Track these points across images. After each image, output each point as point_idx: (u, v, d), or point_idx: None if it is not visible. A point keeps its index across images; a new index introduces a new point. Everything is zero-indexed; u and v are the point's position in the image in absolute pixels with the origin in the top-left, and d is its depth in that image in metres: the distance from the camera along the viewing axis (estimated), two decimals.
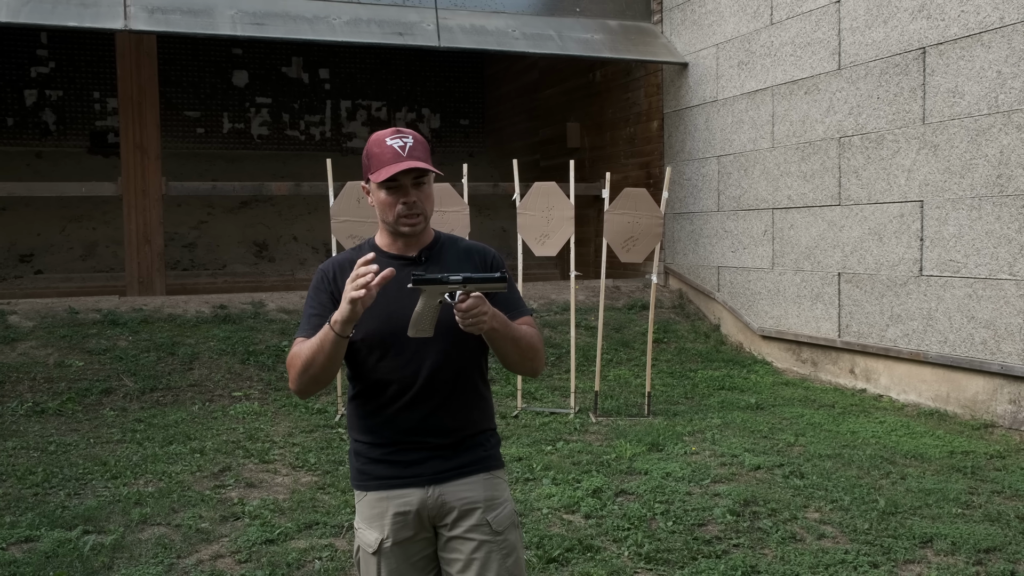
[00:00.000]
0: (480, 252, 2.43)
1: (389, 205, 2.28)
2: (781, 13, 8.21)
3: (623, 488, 4.97)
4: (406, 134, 2.29)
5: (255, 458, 5.60)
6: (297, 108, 14.59)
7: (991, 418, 6.32)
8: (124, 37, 8.98)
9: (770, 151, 8.39)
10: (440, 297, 2.11)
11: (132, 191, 9.14)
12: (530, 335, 2.33)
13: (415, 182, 2.28)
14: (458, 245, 2.44)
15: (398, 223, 2.29)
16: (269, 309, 8.60)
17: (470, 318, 2.10)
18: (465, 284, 2.09)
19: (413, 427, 2.28)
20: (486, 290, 2.12)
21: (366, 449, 2.32)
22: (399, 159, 2.24)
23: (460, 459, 2.31)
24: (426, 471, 2.28)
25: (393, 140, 2.27)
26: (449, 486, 2.28)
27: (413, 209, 2.29)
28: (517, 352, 2.30)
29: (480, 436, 2.37)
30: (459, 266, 2.33)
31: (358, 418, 2.35)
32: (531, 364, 2.36)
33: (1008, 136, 6.15)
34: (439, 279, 2.10)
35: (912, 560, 4.01)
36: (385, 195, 2.28)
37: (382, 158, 2.26)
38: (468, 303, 2.09)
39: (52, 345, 7.46)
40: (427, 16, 8.96)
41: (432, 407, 2.28)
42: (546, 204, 6.90)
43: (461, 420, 2.33)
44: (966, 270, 6.49)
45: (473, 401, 2.36)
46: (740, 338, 9.00)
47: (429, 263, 2.33)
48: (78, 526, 4.37)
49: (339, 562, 3.99)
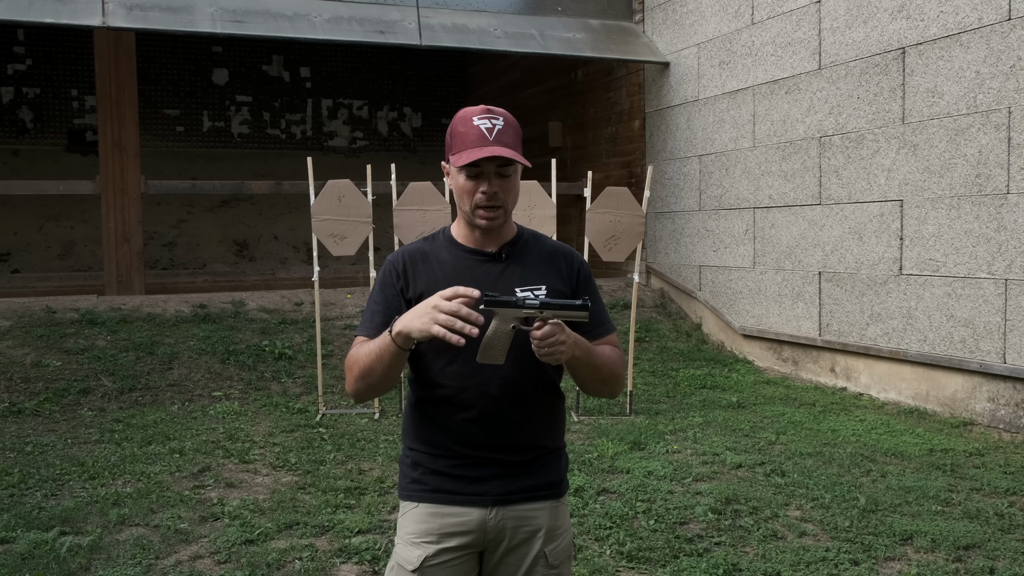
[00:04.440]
0: (567, 256, 2.23)
1: (467, 192, 2.06)
2: (762, 13, 8.24)
3: (605, 487, 4.97)
4: (497, 115, 2.06)
5: (235, 458, 5.56)
6: (278, 107, 14.51)
7: (970, 416, 6.37)
8: (102, 34, 8.90)
9: (751, 150, 8.41)
10: (514, 322, 1.92)
11: (111, 190, 9.05)
12: (612, 360, 2.13)
13: (499, 171, 2.04)
14: (542, 244, 2.23)
15: (475, 214, 2.07)
16: (249, 308, 8.55)
17: (546, 347, 1.91)
18: (542, 310, 1.90)
19: (481, 441, 2.07)
20: (566, 318, 1.93)
21: (426, 459, 2.12)
22: (484, 143, 2.01)
23: (530, 480, 2.11)
24: (491, 490, 2.08)
25: (481, 120, 2.04)
26: (513, 509, 2.08)
27: (493, 200, 2.05)
28: (597, 379, 2.11)
29: (552, 456, 2.17)
30: (543, 268, 2.14)
31: (418, 425, 2.15)
32: (610, 389, 2.18)
33: (986, 136, 6.19)
34: (513, 302, 1.91)
35: (892, 557, 4.03)
36: (464, 180, 2.05)
37: (466, 139, 2.03)
38: (545, 330, 1.90)
39: (29, 345, 7.38)
40: (408, 14, 8.93)
41: (504, 421, 2.07)
42: (528, 203, 6.89)
43: (534, 437, 2.12)
44: (945, 269, 6.53)
45: (547, 416, 2.16)
46: (722, 337, 9.02)
47: (510, 261, 2.13)
48: (55, 527, 4.32)
49: (319, 562, 3.96)
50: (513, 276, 2.12)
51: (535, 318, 1.92)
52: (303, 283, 10.09)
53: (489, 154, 1.99)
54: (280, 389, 7.30)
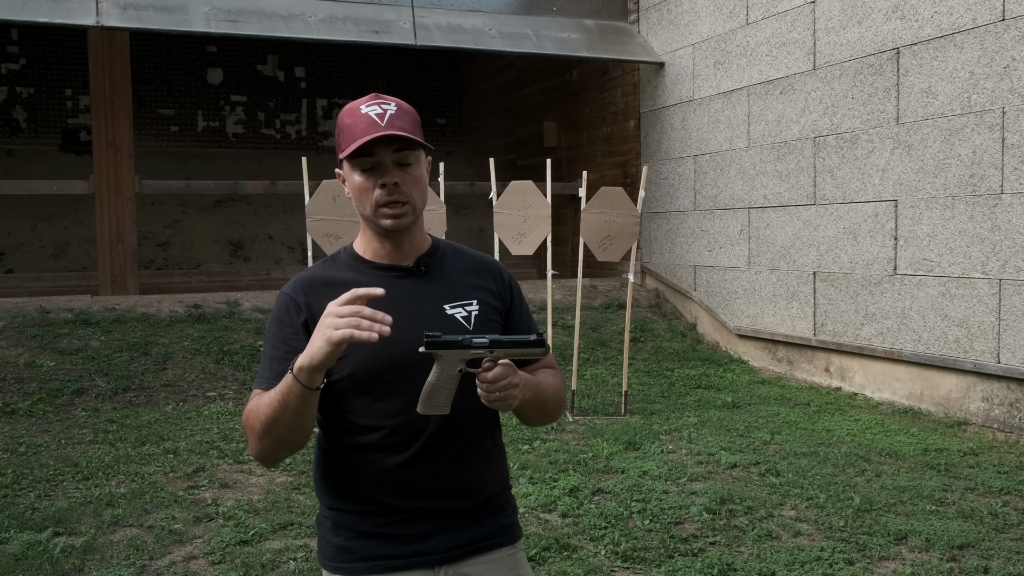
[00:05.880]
0: (493, 269, 1.94)
1: (364, 190, 1.75)
2: (757, 13, 8.25)
3: (600, 487, 4.97)
4: (387, 100, 1.77)
5: (229, 458, 5.55)
6: (272, 106, 14.49)
7: (964, 416, 6.38)
8: (96, 34, 8.88)
9: (746, 151, 8.42)
10: (460, 365, 1.66)
11: (105, 189, 9.03)
12: (558, 390, 1.89)
13: (398, 159, 1.74)
14: (464, 255, 1.94)
15: (377, 214, 1.76)
16: (244, 309, 8.53)
17: (496, 391, 1.65)
18: (492, 349, 1.65)
19: (418, 489, 1.76)
20: (519, 356, 1.68)
21: (352, 520, 1.78)
22: (375, 130, 1.71)
23: (478, 530, 1.82)
24: (436, 547, 1.77)
25: (370, 107, 1.75)
26: (465, 566, 1.80)
27: (394, 194, 1.74)
28: (542, 413, 1.87)
29: (499, 498, 1.89)
30: (469, 281, 1.88)
31: (334, 479, 1.81)
32: (552, 419, 1.94)
33: (980, 136, 6.21)
34: (459, 342, 1.64)
35: (887, 557, 4.03)
36: (359, 177, 1.75)
37: (354, 130, 1.73)
38: (495, 372, 1.64)
39: (23, 345, 7.36)
40: (403, 14, 8.93)
41: (444, 462, 1.77)
42: (523, 203, 6.89)
43: (479, 478, 1.83)
44: (939, 269, 6.54)
45: (490, 453, 1.87)
46: (716, 337, 9.03)
47: (431, 275, 1.84)
48: (48, 528, 4.31)
49: (314, 563, 3.95)
50: (438, 291, 1.83)
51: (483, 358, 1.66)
52: None
53: (380, 134, 1.70)
54: None
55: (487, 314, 1.86)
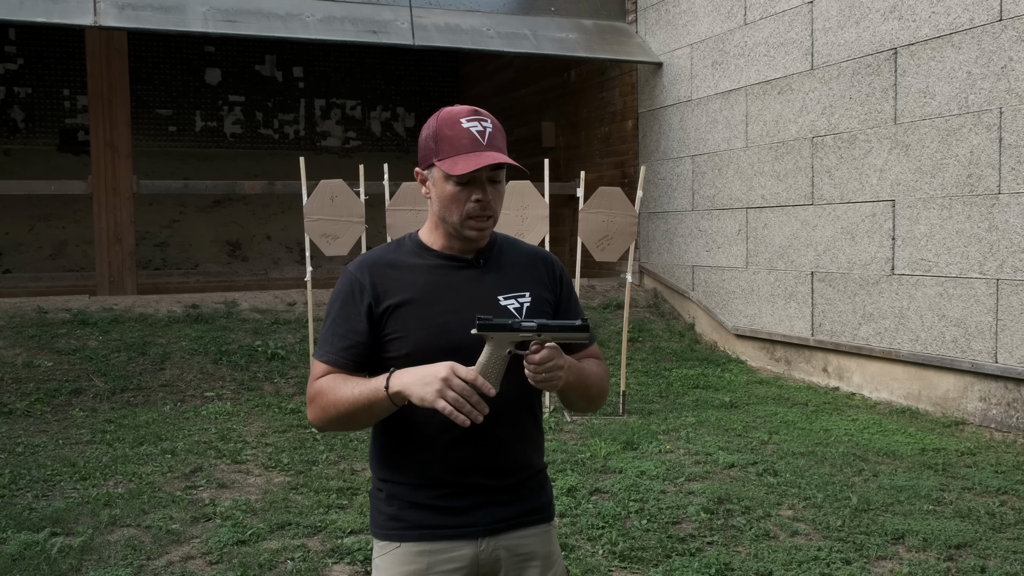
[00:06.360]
0: (547, 262, 2.06)
1: (457, 202, 1.87)
2: (755, 13, 8.25)
3: (598, 487, 4.97)
4: (485, 117, 1.90)
5: (227, 458, 5.55)
6: (271, 106, 14.49)
7: (962, 415, 6.39)
8: (94, 34, 8.87)
9: (744, 151, 8.43)
10: (510, 347, 1.77)
11: (102, 189, 9.03)
12: (600, 377, 1.99)
13: (491, 177, 1.89)
14: (519, 249, 2.06)
15: (464, 225, 1.89)
16: (242, 309, 8.53)
17: (543, 372, 1.77)
18: (540, 332, 1.77)
19: (466, 466, 1.89)
20: (565, 340, 1.80)
21: (404, 491, 1.92)
22: (478, 148, 1.85)
23: (519, 506, 1.95)
24: (479, 520, 1.90)
25: (471, 123, 1.86)
26: (505, 538, 1.92)
27: (486, 210, 1.89)
28: (585, 399, 1.97)
29: (539, 477, 2.02)
30: (523, 274, 1.99)
31: (390, 453, 1.94)
32: (595, 406, 2.04)
33: (978, 136, 6.21)
34: (509, 325, 1.76)
35: (884, 556, 4.04)
36: (454, 189, 1.87)
37: (457, 144, 1.85)
38: (542, 355, 1.76)
39: (20, 345, 7.35)
40: (401, 14, 8.93)
41: (490, 441, 1.89)
42: (521, 203, 6.89)
43: (522, 458, 1.96)
44: (937, 269, 6.55)
45: (532, 434, 2.00)
46: (714, 337, 9.03)
47: (488, 267, 1.97)
48: (46, 528, 4.30)
49: (311, 563, 3.95)
50: (493, 283, 1.96)
51: (531, 341, 1.78)
52: (296, 283, 10.07)
53: (492, 161, 1.83)
54: (273, 389, 7.28)
55: (539, 305, 1.99)
